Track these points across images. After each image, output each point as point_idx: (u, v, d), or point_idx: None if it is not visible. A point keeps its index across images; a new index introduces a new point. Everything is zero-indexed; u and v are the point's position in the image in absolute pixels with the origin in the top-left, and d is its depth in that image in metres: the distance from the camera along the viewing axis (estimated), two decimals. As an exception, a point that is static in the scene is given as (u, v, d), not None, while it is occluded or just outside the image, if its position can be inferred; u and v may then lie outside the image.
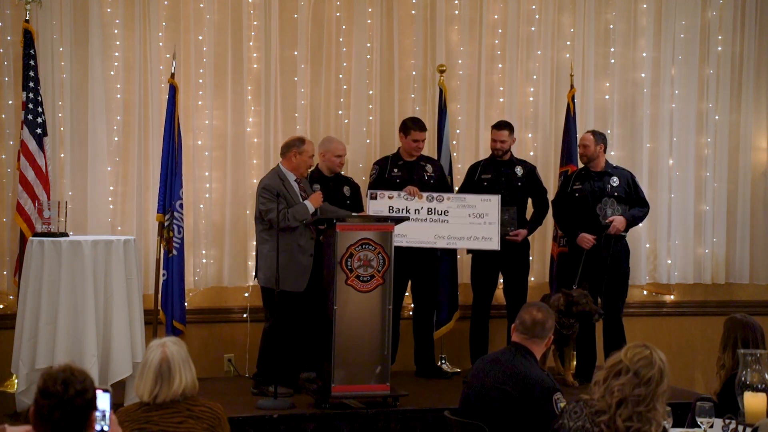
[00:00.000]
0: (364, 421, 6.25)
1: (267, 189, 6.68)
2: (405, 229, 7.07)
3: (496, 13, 8.15)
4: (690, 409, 4.39)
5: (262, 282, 6.79)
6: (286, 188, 6.70)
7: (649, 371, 3.40)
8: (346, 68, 7.86)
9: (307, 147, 6.82)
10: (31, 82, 6.93)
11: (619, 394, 3.39)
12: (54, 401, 2.75)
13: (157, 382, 3.67)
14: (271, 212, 6.59)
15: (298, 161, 6.79)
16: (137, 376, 3.77)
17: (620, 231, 7.31)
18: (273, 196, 6.59)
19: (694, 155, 8.44)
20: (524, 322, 4.42)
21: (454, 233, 7.30)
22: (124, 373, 6.05)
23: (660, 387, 3.40)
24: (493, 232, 7.31)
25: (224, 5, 7.61)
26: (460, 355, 7.73)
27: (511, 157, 7.58)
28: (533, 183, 7.58)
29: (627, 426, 3.39)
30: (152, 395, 3.67)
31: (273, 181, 6.73)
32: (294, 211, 6.62)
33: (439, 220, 7.30)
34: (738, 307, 7.42)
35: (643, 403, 3.38)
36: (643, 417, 3.39)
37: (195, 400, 3.74)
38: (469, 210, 7.32)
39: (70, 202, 7.09)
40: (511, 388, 4.26)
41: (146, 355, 3.74)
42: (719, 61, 8.50)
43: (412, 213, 7.22)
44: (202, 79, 7.56)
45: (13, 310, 6.52)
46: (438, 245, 7.38)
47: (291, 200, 6.68)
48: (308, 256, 6.71)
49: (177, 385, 3.67)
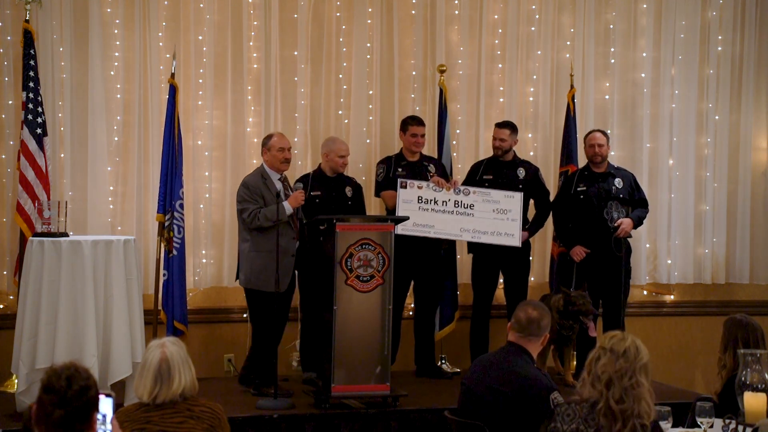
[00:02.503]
0: (364, 421, 6.25)
1: (244, 187, 6.68)
2: (432, 220, 7.13)
3: (496, 13, 8.15)
4: (690, 409, 4.38)
5: (242, 282, 6.79)
6: (268, 187, 6.67)
7: (623, 345, 3.52)
8: (346, 68, 7.86)
9: (274, 141, 6.76)
10: (31, 82, 6.93)
11: (605, 375, 3.49)
12: (57, 397, 2.75)
13: (156, 383, 3.67)
14: (245, 211, 6.60)
15: (270, 157, 6.76)
16: (137, 376, 3.76)
17: (628, 233, 7.33)
18: (250, 194, 6.59)
19: (694, 155, 8.44)
20: (520, 320, 4.43)
21: (478, 227, 7.29)
22: (124, 373, 6.05)
23: (638, 360, 3.51)
24: (515, 229, 7.30)
25: (224, 5, 7.61)
26: (460, 355, 7.73)
27: (514, 157, 7.58)
28: (536, 185, 7.57)
29: (621, 409, 3.45)
30: (152, 395, 3.67)
31: (252, 179, 6.72)
32: (267, 211, 6.57)
33: (465, 213, 7.28)
34: (738, 307, 7.44)
35: (626, 376, 3.47)
36: (630, 394, 3.46)
37: (195, 400, 3.74)
38: (494, 205, 7.31)
39: (70, 202, 7.10)
40: (508, 389, 4.27)
41: (145, 356, 3.73)
42: (719, 61, 8.50)
43: (439, 204, 7.21)
44: (202, 79, 7.56)
45: (13, 310, 6.52)
46: (463, 238, 7.39)
47: (269, 199, 6.64)
48: (290, 256, 6.66)
49: (176, 385, 3.67)
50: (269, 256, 6.53)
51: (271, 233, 6.54)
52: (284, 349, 7.39)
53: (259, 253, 6.60)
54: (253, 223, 6.55)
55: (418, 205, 7.16)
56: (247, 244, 6.69)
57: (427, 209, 7.19)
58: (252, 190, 6.63)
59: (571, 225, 7.50)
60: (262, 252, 6.58)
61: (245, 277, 6.71)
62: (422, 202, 7.18)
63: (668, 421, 4.05)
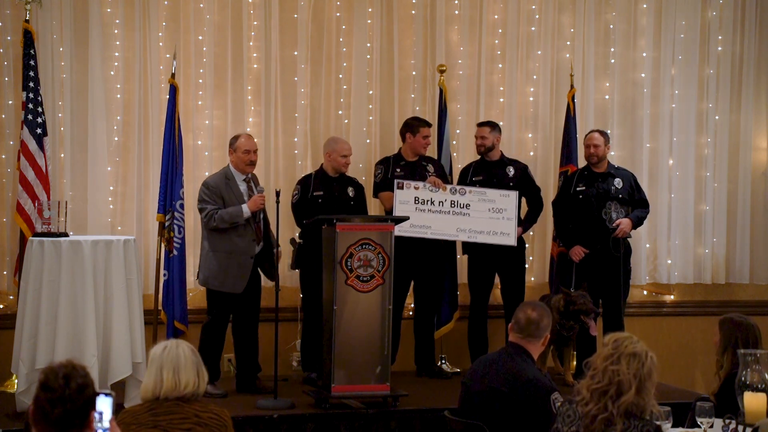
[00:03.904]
0: (364, 421, 6.25)
1: (204, 186, 6.68)
2: (429, 221, 7.14)
3: (496, 13, 8.15)
4: (690, 409, 4.38)
5: (201, 282, 6.79)
6: (231, 188, 6.65)
7: (635, 347, 3.50)
8: (346, 68, 7.86)
9: (241, 143, 6.72)
10: (31, 82, 6.93)
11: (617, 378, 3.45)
12: (55, 395, 2.75)
13: (167, 379, 3.65)
14: (202, 211, 6.60)
15: (235, 158, 6.73)
16: (146, 373, 3.74)
17: (627, 233, 7.33)
18: (209, 194, 6.58)
19: (694, 155, 8.44)
20: (519, 321, 4.42)
21: (474, 227, 7.30)
22: (124, 373, 6.05)
23: (650, 363, 3.49)
24: (511, 228, 7.30)
25: (224, 5, 7.61)
26: (460, 355, 7.73)
27: (501, 156, 7.58)
28: (526, 182, 7.58)
29: (628, 411, 3.43)
30: (160, 392, 3.65)
31: (214, 179, 6.71)
32: (224, 213, 6.55)
33: (461, 213, 7.28)
34: (738, 307, 7.45)
35: (639, 378, 3.44)
36: (640, 398, 3.44)
37: (203, 405, 3.72)
38: (489, 204, 7.32)
39: (70, 202, 7.09)
40: (508, 390, 4.26)
41: (157, 353, 3.70)
42: (719, 61, 8.49)
43: (436, 205, 7.22)
44: (202, 79, 7.56)
45: (13, 310, 6.52)
46: (460, 238, 7.39)
47: (230, 200, 6.62)
48: (248, 257, 6.64)
49: (185, 383, 3.66)
50: (226, 257, 6.57)
51: (229, 234, 6.56)
52: (284, 349, 7.39)
53: (216, 254, 6.61)
54: (210, 224, 6.55)
55: (414, 205, 7.16)
56: (206, 244, 6.70)
57: (424, 210, 7.19)
58: (212, 190, 6.62)
59: (571, 225, 7.50)
60: (219, 252, 6.59)
61: (203, 276, 6.72)
62: (419, 202, 7.19)
63: (668, 421, 4.05)
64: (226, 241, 6.59)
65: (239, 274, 6.60)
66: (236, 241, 6.59)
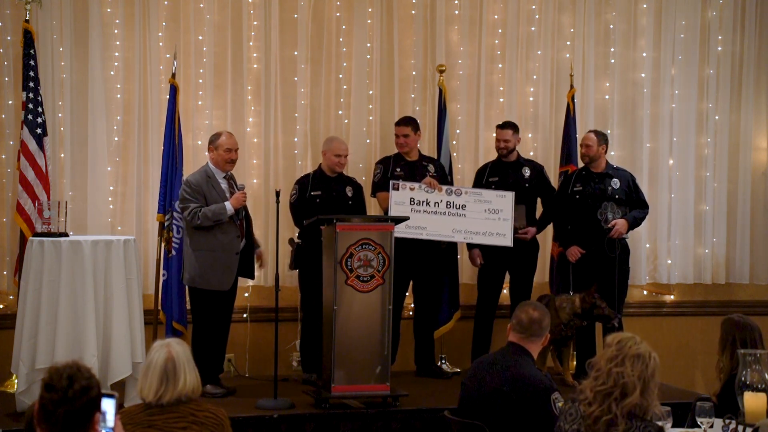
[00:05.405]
0: (364, 421, 6.25)
1: (186, 185, 6.67)
2: (424, 222, 7.13)
3: (496, 13, 8.15)
4: (690, 409, 4.39)
5: (186, 281, 6.78)
6: (212, 186, 6.65)
7: (639, 349, 3.51)
8: (346, 68, 7.86)
9: (222, 141, 6.70)
10: (31, 82, 6.93)
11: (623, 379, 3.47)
12: (59, 396, 2.75)
13: (162, 382, 3.63)
14: (185, 210, 6.59)
15: (215, 156, 6.72)
16: (141, 376, 3.73)
17: (622, 234, 7.33)
18: (192, 192, 6.57)
19: (694, 155, 8.44)
20: (521, 321, 4.42)
21: (470, 228, 7.29)
22: (124, 373, 6.05)
23: (654, 364, 3.49)
24: (507, 229, 7.30)
25: (224, 5, 7.61)
26: (460, 355, 7.73)
27: (518, 157, 7.58)
28: (542, 183, 7.58)
29: (631, 412, 3.42)
30: (157, 395, 3.64)
31: (196, 178, 6.69)
32: (208, 210, 6.54)
33: (457, 214, 7.28)
34: (738, 307, 7.43)
35: (643, 379, 3.43)
36: (644, 398, 3.44)
37: (199, 404, 3.71)
38: (485, 205, 7.31)
39: (70, 202, 7.10)
40: (508, 389, 4.26)
41: (150, 356, 3.70)
42: (719, 61, 8.50)
43: (431, 206, 7.21)
44: (202, 79, 7.56)
45: (13, 310, 6.52)
46: (456, 239, 7.39)
47: (212, 198, 6.61)
48: (233, 254, 6.63)
49: (182, 385, 3.65)
50: (210, 255, 6.57)
51: (213, 232, 6.56)
52: (284, 350, 7.39)
53: (200, 252, 6.59)
54: (193, 222, 6.54)
55: (410, 206, 7.16)
56: (188, 242, 6.69)
57: (420, 210, 7.19)
58: (194, 188, 6.61)
59: (569, 226, 7.49)
60: (202, 251, 6.58)
61: (189, 275, 6.70)
62: (414, 203, 7.18)
63: (668, 421, 4.05)
64: (211, 239, 6.57)
65: (225, 271, 6.59)
66: (221, 238, 6.58)
